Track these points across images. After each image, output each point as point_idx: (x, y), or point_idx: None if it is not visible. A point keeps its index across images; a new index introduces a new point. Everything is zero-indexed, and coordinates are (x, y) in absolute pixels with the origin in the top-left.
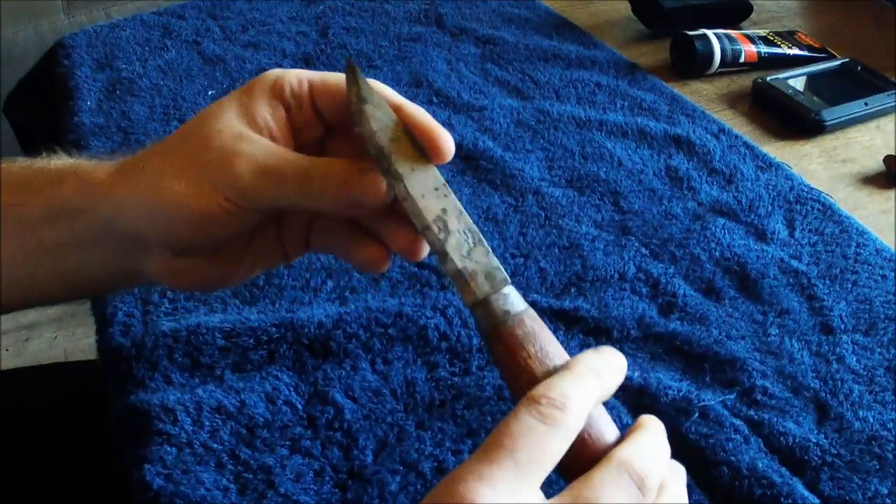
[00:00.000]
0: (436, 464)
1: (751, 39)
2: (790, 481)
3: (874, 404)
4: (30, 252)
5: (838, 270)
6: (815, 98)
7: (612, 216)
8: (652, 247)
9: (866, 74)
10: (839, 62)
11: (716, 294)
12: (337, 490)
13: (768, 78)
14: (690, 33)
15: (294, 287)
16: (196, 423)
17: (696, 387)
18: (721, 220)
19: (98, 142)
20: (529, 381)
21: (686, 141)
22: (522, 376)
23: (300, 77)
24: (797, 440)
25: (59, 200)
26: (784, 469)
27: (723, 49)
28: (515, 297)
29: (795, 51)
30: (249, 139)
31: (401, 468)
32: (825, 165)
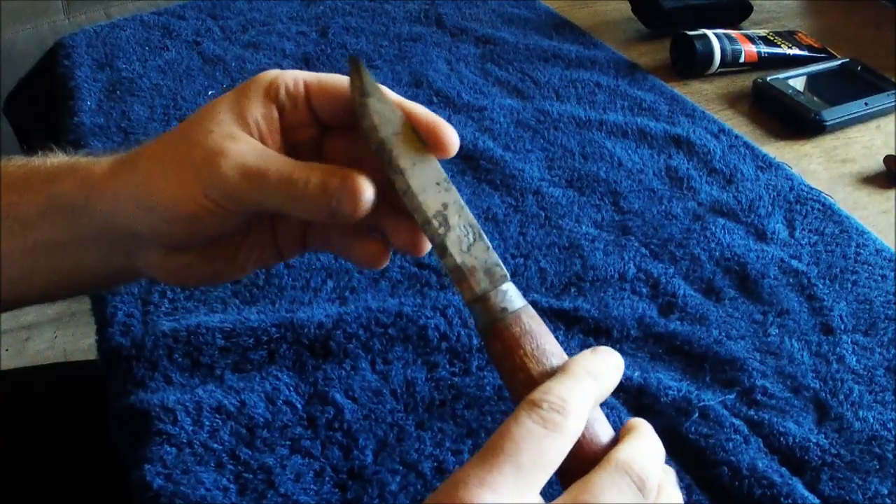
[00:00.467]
0: (436, 464)
1: (751, 39)
2: (790, 481)
3: (874, 404)
4: (28, 250)
5: (838, 270)
6: (815, 98)
7: (612, 216)
8: (652, 247)
9: (866, 74)
10: (839, 62)
11: (716, 294)
12: (337, 490)
13: (768, 78)
14: (690, 33)
15: (294, 287)
16: (196, 423)
17: (696, 387)
18: (721, 220)
19: (98, 142)
20: (526, 380)
21: (686, 141)
22: (519, 374)
23: (296, 77)
24: (797, 440)
25: (57, 197)
26: (784, 469)
27: (723, 49)
28: (514, 294)
29: (795, 51)
30: (238, 139)
31: (401, 468)
32: (825, 165)
